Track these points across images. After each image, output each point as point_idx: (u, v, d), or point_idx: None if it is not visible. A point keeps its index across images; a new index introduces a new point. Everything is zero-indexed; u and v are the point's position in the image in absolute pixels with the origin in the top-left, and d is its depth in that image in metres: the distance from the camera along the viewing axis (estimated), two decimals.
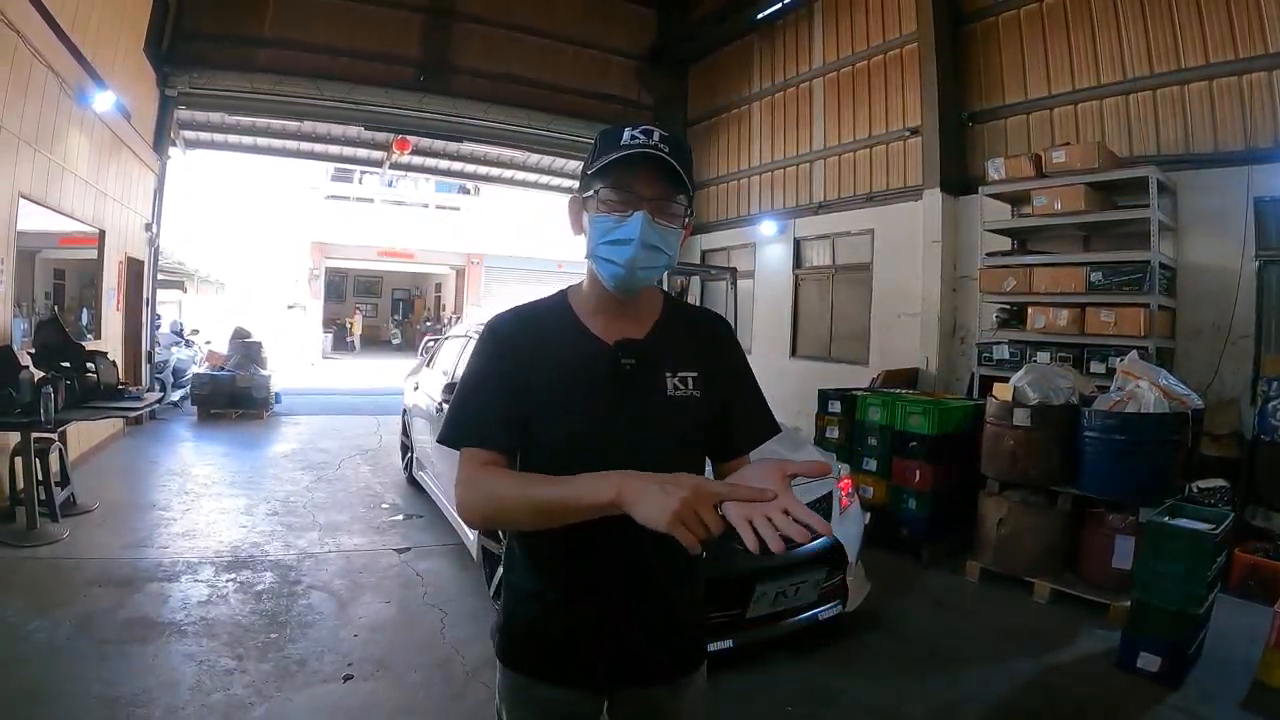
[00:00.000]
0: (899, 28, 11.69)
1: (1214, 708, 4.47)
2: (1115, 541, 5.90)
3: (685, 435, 1.90)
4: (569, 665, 1.90)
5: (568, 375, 1.82)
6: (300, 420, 14.05)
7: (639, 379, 1.85)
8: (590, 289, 1.92)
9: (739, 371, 2.06)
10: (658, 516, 1.40)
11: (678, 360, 1.91)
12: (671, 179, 1.75)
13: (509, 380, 1.82)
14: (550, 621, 1.91)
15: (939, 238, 10.55)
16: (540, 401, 1.80)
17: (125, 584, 5.72)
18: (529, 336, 1.88)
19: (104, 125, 9.54)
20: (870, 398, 7.88)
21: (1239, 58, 7.75)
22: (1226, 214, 7.76)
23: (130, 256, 11.47)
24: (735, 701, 4.44)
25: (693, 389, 1.90)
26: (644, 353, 1.87)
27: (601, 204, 1.78)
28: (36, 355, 7.17)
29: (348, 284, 40.96)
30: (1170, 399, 6.06)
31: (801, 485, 5.02)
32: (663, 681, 1.97)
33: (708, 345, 1.99)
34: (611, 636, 1.88)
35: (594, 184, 1.78)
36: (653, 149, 1.71)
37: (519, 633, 1.97)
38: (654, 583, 1.90)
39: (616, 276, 1.78)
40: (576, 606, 1.88)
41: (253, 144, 17.51)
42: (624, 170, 1.73)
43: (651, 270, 1.80)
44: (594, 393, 1.80)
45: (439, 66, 14.91)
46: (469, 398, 1.87)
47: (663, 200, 1.77)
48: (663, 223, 1.76)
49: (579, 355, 1.85)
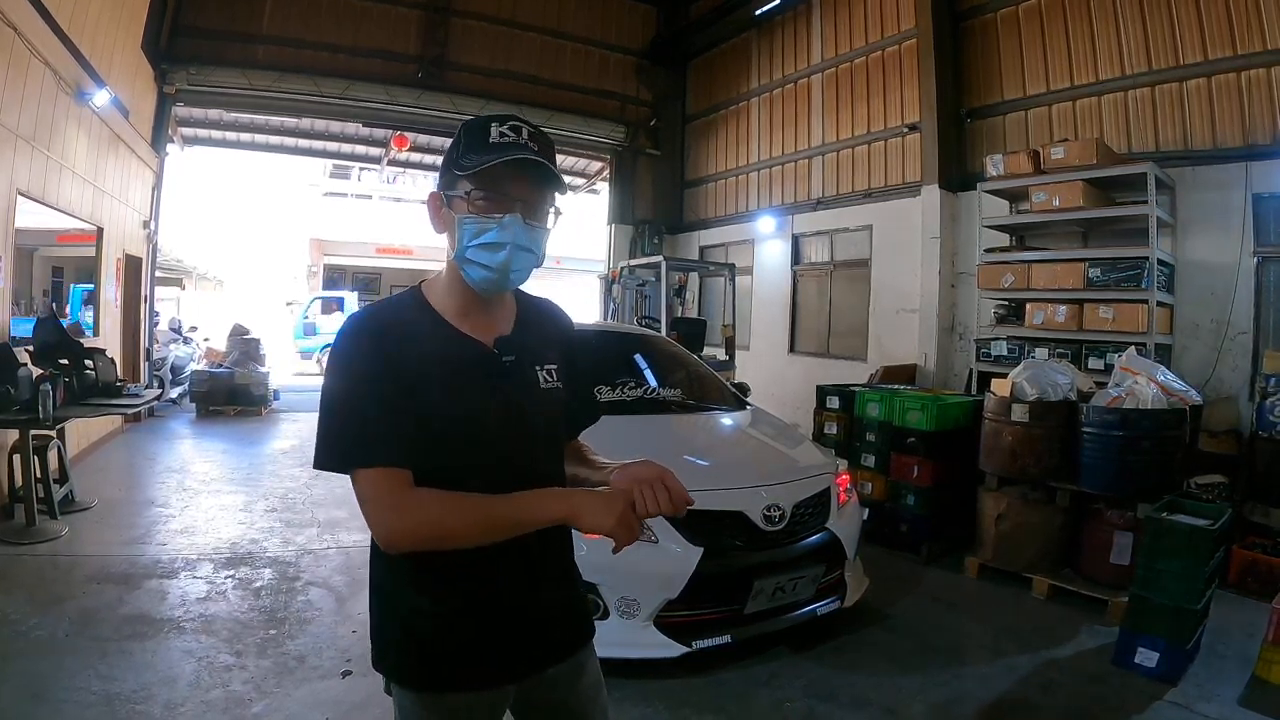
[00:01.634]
0: (898, 24, 11.73)
1: (1212, 704, 4.46)
2: (1114, 537, 5.89)
3: (555, 424, 1.96)
4: (478, 668, 1.84)
5: (451, 376, 1.77)
6: (299, 417, 14.03)
7: (517, 374, 1.86)
8: (453, 287, 1.85)
9: (580, 361, 2.12)
10: (604, 523, 1.65)
11: (543, 354, 1.95)
12: (544, 178, 1.75)
13: (391, 389, 1.69)
14: (455, 630, 1.82)
15: (938, 234, 10.57)
16: (424, 406, 1.72)
17: (124, 581, 5.71)
18: (399, 340, 1.76)
19: (102, 122, 9.53)
20: (869, 394, 7.87)
21: (1238, 54, 7.78)
22: (1225, 210, 7.78)
23: (128, 253, 11.46)
24: (734, 697, 4.44)
25: (556, 380, 1.95)
26: (518, 348, 1.88)
27: (471, 205, 1.74)
28: (35, 352, 7.16)
29: (346, 281, 40.93)
30: (1169, 395, 6.06)
31: (801, 480, 5.04)
32: (565, 658, 1.99)
33: (561, 337, 2.06)
34: (513, 629, 1.86)
35: (463, 184, 1.74)
36: (525, 150, 1.70)
37: (420, 650, 1.84)
38: (543, 567, 1.91)
39: (488, 280, 1.77)
40: (478, 609, 1.82)
41: (251, 141, 17.56)
42: (495, 171, 1.70)
43: (523, 272, 1.80)
44: (480, 393, 1.78)
45: (437, 63, 14.92)
46: (356, 411, 1.69)
47: (536, 202, 1.77)
48: (534, 223, 1.76)
49: (458, 356, 1.81)
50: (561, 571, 2.01)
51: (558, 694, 2.02)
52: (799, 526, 4.90)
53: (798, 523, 4.90)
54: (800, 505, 4.93)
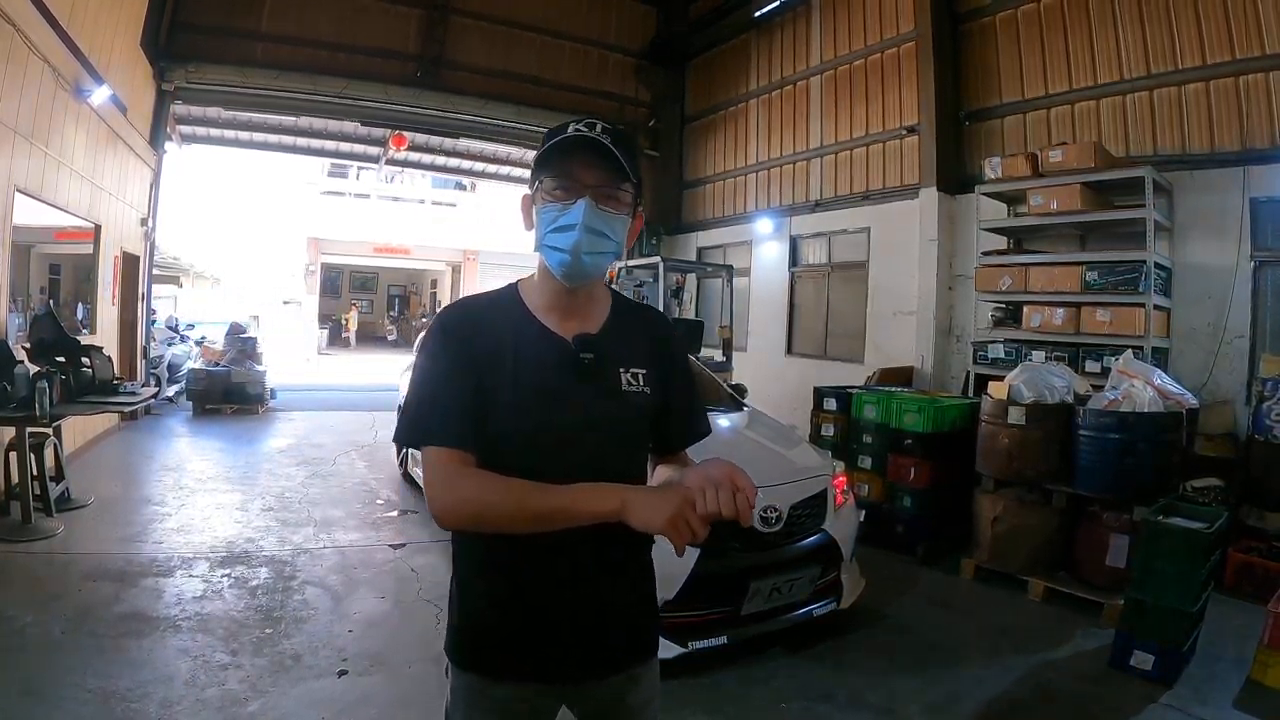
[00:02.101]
0: (897, 26, 11.71)
1: (1208, 707, 4.47)
2: (1110, 540, 5.90)
3: (635, 431, 1.94)
4: (526, 662, 1.88)
5: (525, 370, 1.81)
6: (295, 416, 14.04)
7: (595, 374, 1.86)
8: (542, 283, 1.92)
9: (683, 371, 2.08)
10: (656, 521, 1.56)
11: (629, 357, 1.93)
12: (614, 167, 1.77)
13: (468, 377, 1.79)
14: (506, 619, 1.88)
15: (935, 236, 10.57)
16: (497, 396, 1.79)
17: (120, 579, 5.71)
18: (483, 331, 1.87)
19: (100, 119, 9.53)
20: (866, 395, 7.89)
21: (1235, 59, 7.78)
22: (1223, 214, 7.78)
23: (126, 251, 11.45)
24: (731, 698, 4.45)
25: (643, 385, 1.92)
26: (601, 347, 1.88)
27: (546, 194, 1.80)
28: (32, 350, 7.16)
29: (344, 280, 40.98)
30: (1165, 398, 6.08)
31: (798, 482, 5.04)
32: (619, 670, 1.98)
33: (656, 343, 2.02)
34: (567, 629, 1.88)
35: (538, 175, 1.81)
36: (594, 136, 1.74)
37: (474, 632, 1.93)
38: (605, 573, 1.90)
39: (564, 264, 1.79)
40: (531, 601, 1.86)
41: (249, 139, 17.51)
42: (565, 159, 1.76)
43: (598, 257, 1.81)
44: (552, 387, 1.80)
45: (436, 62, 14.90)
46: (433, 394, 1.81)
47: (606, 187, 1.79)
48: (607, 209, 1.79)
49: (536, 350, 1.85)
50: (629, 585, 1.99)
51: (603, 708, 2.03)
52: (796, 528, 4.92)
53: (795, 524, 4.91)
54: (797, 507, 4.94)
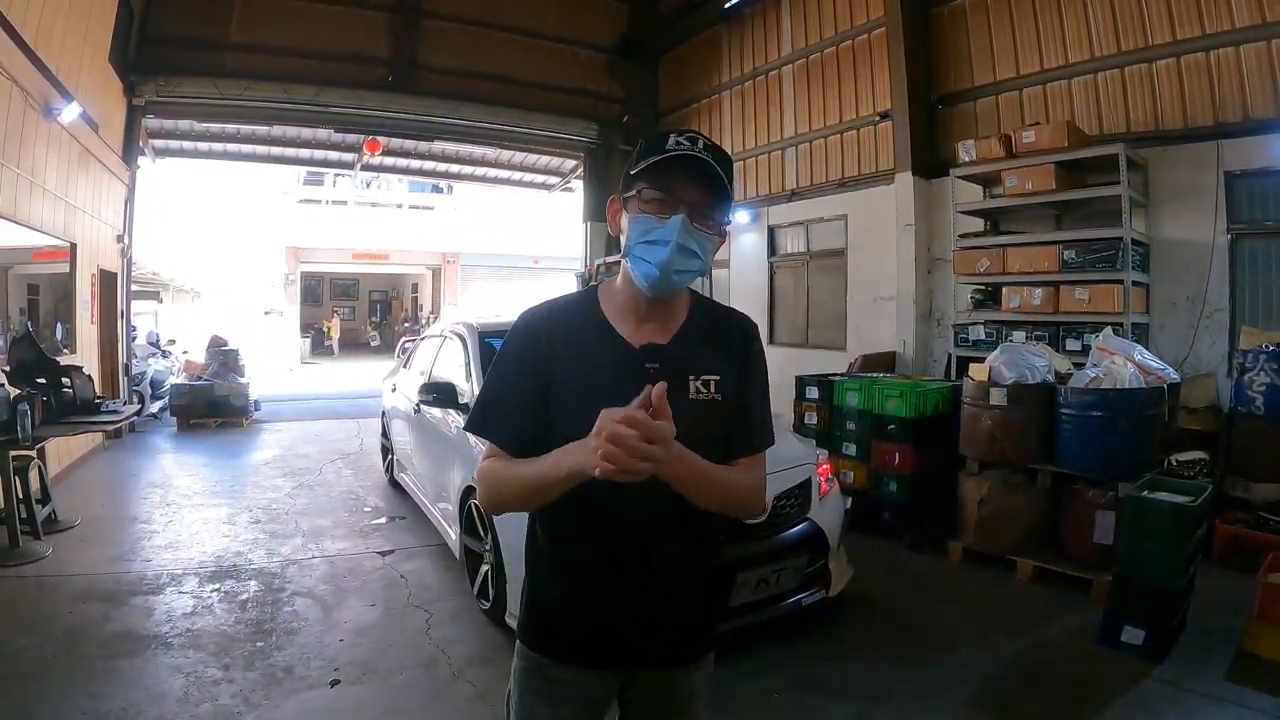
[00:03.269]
0: (866, 13, 11.74)
1: (1199, 679, 4.50)
2: (1096, 517, 5.92)
3: (706, 438, 1.82)
4: (585, 647, 1.94)
5: (592, 375, 1.83)
6: (280, 427, 13.99)
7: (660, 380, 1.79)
8: (622, 288, 1.93)
9: (755, 378, 2.02)
10: (589, 465, 1.54)
11: (702, 363, 1.91)
12: (713, 186, 1.77)
13: (534, 377, 1.85)
14: (568, 604, 1.94)
15: (912, 221, 10.60)
16: (564, 398, 1.82)
17: (110, 599, 5.68)
18: (557, 332, 1.90)
19: (71, 137, 9.47)
20: (848, 382, 7.91)
21: (1206, 34, 7.82)
22: (1198, 189, 7.83)
23: (103, 269, 11.39)
24: (720, 690, 4.45)
25: (715, 392, 1.90)
26: (669, 357, 1.87)
27: (643, 204, 1.79)
28: (11, 372, 7.11)
29: (324, 287, 40.81)
30: (1146, 374, 6.11)
31: (782, 472, 5.05)
32: (674, 665, 2.02)
33: (732, 347, 1.99)
34: (630, 619, 1.91)
35: (636, 184, 1.80)
36: (698, 154, 1.73)
37: (539, 614, 2.01)
38: (665, 567, 1.92)
39: (650, 277, 1.79)
40: (592, 589, 1.91)
41: (223, 150, 17.47)
42: (667, 173, 1.75)
43: (685, 275, 1.82)
44: (617, 394, 1.71)
45: (407, 65, 14.85)
46: (493, 391, 1.93)
47: (703, 206, 1.78)
48: (700, 228, 1.78)
49: (604, 356, 1.87)
50: (683, 581, 1.98)
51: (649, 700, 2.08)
52: (781, 518, 4.93)
53: (779, 514, 4.93)
54: (781, 497, 4.95)
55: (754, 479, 1.95)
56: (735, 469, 1.90)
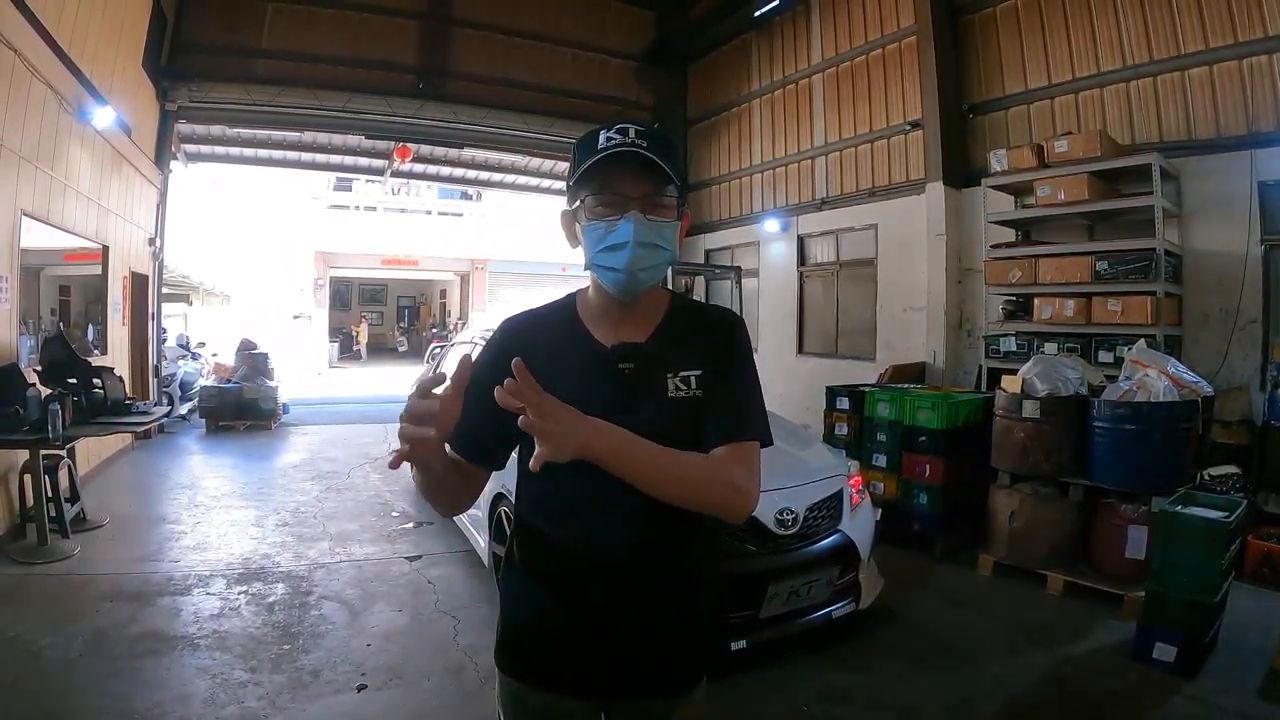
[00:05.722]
0: (897, 21, 11.67)
1: (1231, 697, 4.44)
2: (1128, 532, 5.86)
3: (681, 437, 1.76)
4: (564, 673, 1.88)
5: (567, 380, 1.75)
6: (308, 430, 14.06)
7: (638, 382, 1.82)
8: (595, 294, 1.90)
9: (736, 367, 1.91)
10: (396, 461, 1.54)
11: (680, 360, 1.86)
12: (655, 173, 1.73)
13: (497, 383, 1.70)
14: (546, 627, 1.89)
15: (943, 231, 10.53)
16: None
17: (137, 598, 5.72)
18: (535, 340, 1.85)
19: (104, 141, 9.56)
20: (878, 393, 7.86)
21: (1239, 42, 7.72)
22: (1231, 199, 7.73)
23: (134, 271, 11.50)
24: (752, 701, 4.43)
25: (695, 388, 1.85)
26: (644, 355, 1.84)
27: (590, 212, 1.76)
28: (43, 372, 7.17)
29: (352, 292, 41.01)
30: (1180, 387, 6.04)
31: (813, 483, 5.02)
32: (659, 695, 1.95)
33: (712, 343, 1.92)
34: (606, 644, 1.86)
35: (579, 193, 1.77)
36: (629, 146, 1.69)
37: (516, 638, 1.95)
38: (648, 592, 1.87)
39: (618, 283, 1.77)
40: (571, 612, 1.86)
41: (254, 155, 17.57)
42: (606, 173, 1.72)
43: (653, 269, 1.78)
44: (591, 397, 1.70)
45: (437, 73, 14.91)
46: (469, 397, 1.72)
47: (652, 195, 1.75)
48: (655, 218, 1.75)
49: (579, 360, 1.84)
50: (674, 605, 1.92)
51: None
52: (812, 530, 4.90)
53: (810, 526, 4.89)
54: (813, 508, 4.92)
55: (726, 470, 1.76)
56: (703, 458, 1.78)
